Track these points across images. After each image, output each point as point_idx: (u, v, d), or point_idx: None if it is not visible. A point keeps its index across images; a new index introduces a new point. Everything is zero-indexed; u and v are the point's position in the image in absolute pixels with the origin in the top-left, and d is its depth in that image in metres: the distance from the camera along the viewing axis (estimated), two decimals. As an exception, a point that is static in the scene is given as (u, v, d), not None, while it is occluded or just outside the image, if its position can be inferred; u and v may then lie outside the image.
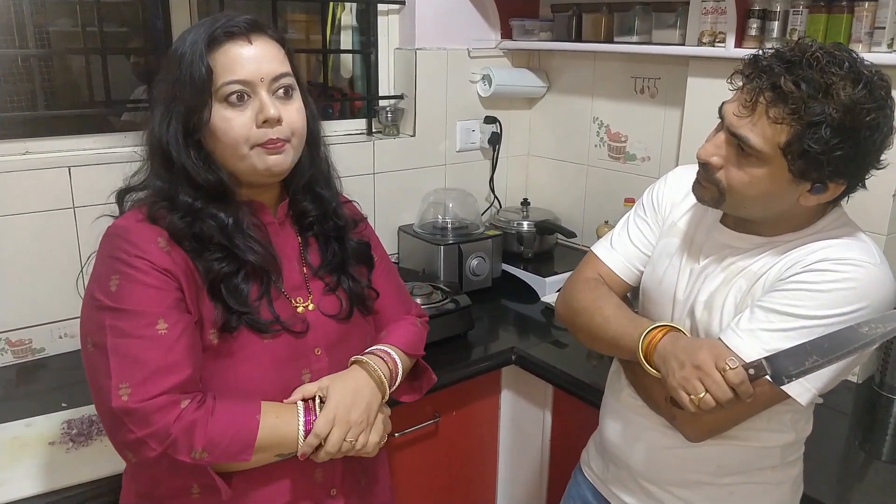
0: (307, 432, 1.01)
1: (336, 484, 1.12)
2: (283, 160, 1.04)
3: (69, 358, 1.72)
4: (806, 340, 0.97)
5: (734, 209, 1.08)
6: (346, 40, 2.28)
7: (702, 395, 0.97)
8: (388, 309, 1.24)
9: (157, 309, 0.97)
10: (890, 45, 1.54)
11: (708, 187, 1.07)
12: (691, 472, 1.16)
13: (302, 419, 1.01)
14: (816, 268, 1.01)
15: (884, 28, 1.53)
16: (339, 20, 2.26)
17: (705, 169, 1.06)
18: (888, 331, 0.92)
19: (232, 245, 1.02)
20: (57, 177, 1.66)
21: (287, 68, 1.04)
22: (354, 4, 2.24)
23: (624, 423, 1.24)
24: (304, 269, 1.14)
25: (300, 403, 1.03)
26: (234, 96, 1.00)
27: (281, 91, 1.03)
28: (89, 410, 1.44)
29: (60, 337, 1.73)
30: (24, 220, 1.63)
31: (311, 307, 1.11)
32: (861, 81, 0.94)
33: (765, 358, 0.97)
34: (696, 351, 1.00)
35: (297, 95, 1.06)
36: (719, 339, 1.04)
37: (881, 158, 1.01)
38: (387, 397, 1.12)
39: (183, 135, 1.01)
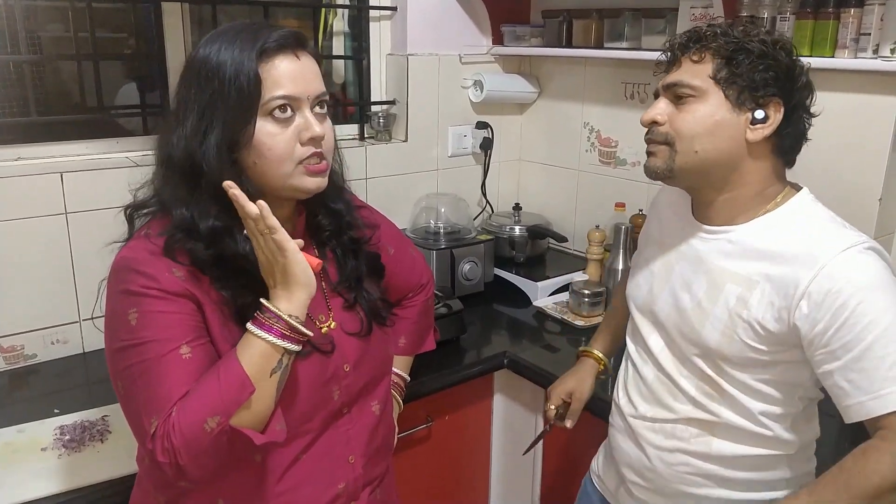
0: (281, 335, 0.95)
1: (357, 495, 1.15)
2: (323, 182, 1.04)
3: (61, 364, 1.72)
4: None
5: (685, 160, 1.07)
6: (339, 46, 2.29)
7: None
8: (404, 285, 1.37)
9: (178, 334, 0.96)
10: (875, 51, 1.56)
11: (657, 150, 1.10)
12: (696, 487, 1.16)
13: (266, 334, 0.95)
14: (843, 300, 0.98)
15: (869, 34, 1.55)
16: (332, 26, 2.26)
17: (651, 133, 1.11)
18: None
19: (255, 270, 0.99)
20: (49, 182, 1.66)
21: (324, 87, 1.03)
22: (346, 10, 2.25)
23: (628, 437, 1.25)
24: (324, 283, 1.13)
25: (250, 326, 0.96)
26: (281, 112, 0.97)
27: (319, 108, 1.02)
28: (81, 416, 1.44)
29: (52, 343, 1.73)
30: (16, 225, 1.63)
31: (333, 325, 1.11)
32: (761, 28, 1.07)
33: None
34: None
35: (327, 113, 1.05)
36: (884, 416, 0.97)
37: (809, 103, 1.08)
38: (401, 408, 1.42)
39: (227, 149, 0.97)
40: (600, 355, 1.45)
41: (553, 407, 1.42)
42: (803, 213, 1.08)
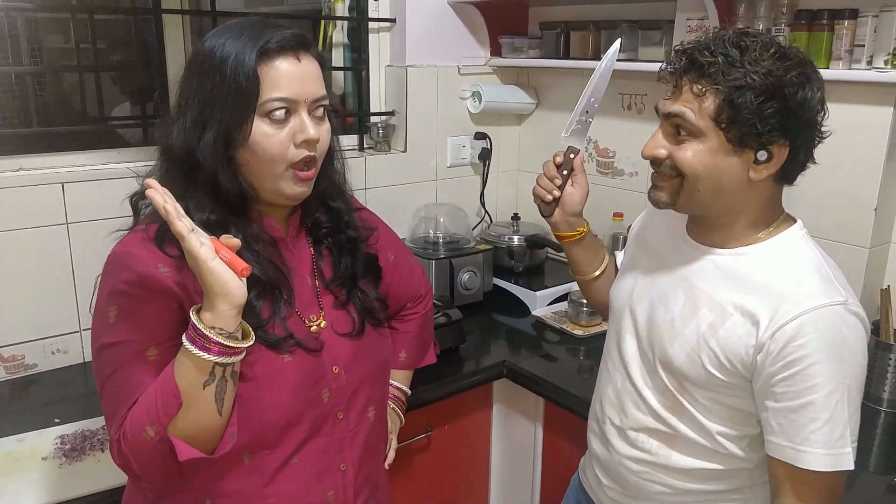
0: (205, 349, 0.91)
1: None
2: (307, 191, 1.05)
3: (62, 373, 1.72)
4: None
5: (690, 195, 1.06)
6: (338, 57, 2.30)
7: None
8: (403, 294, 1.36)
9: (148, 335, 0.97)
10: (869, 63, 1.58)
11: (665, 185, 1.08)
12: (660, 494, 1.18)
13: (191, 346, 0.91)
14: (802, 354, 0.99)
15: (863, 46, 1.57)
16: (331, 38, 2.28)
17: (656, 164, 1.08)
18: None
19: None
20: (50, 193, 1.66)
21: (325, 90, 1.03)
22: (346, 22, 2.27)
23: (599, 440, 1.27)
24: (317, 281, 1.13)
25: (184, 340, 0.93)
26: (278, 113, 0.98)
27: (318, 112, 1.02)
28: (82, 426, 1.44)
29: (53, 353, 1.73)
30: (18, 236, 1.64)
31: (323, 325, 1.11)
32: (773, 47, 0.98)
33: None
34: None
35: (326, 116, 1.05)
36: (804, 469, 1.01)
37: (819, 122, 1.02)
38: (402, 423, 1.41)
39: (223, 146, 0.97)
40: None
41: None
42: (792, 250, 1.07)
